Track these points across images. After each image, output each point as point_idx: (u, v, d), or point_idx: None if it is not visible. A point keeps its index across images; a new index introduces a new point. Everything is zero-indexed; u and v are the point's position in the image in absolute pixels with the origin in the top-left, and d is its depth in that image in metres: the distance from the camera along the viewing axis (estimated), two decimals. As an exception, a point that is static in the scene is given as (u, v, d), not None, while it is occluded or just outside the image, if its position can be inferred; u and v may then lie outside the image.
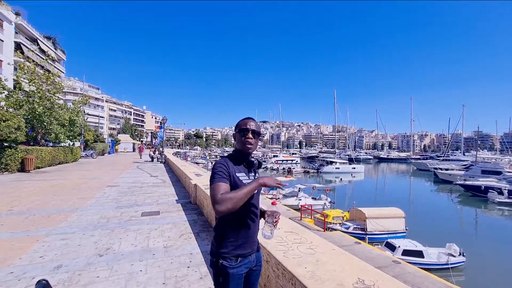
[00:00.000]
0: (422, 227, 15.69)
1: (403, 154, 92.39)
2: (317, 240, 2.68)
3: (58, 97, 19.09)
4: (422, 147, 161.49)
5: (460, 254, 11.00)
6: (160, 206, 6.68)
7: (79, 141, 24.47)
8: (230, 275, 1.43)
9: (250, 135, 1.52)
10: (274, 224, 1.53)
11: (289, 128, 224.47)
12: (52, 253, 3.70)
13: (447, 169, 41.02)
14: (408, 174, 51.75)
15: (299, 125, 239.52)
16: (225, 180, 1.40)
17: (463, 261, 10.95)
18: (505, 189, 24.18)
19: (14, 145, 13.39)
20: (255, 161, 1.58)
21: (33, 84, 16.58)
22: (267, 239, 1.53)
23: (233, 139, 1.67)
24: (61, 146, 19.50)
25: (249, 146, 1.52)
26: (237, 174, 1.48)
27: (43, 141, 17.88)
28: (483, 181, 27.41)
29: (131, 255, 3.67)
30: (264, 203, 12.04)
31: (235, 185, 1.43)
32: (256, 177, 1.60)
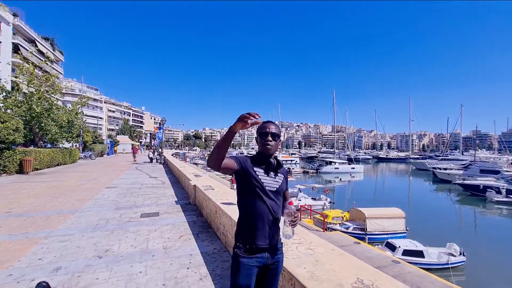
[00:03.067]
0: (422, 227, 15.72)
1: (402, 154, 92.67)
2: (316, 240, 2.69)
3: (57, 98, 19.06)
4: (421, 146, 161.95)
5: (460, 254, 11.02)
6: (160, 207, 6.67)
7: (77, 142, 24.40)
8: (240, 264, 1.53)
9: (270, 138, 1.61)
10: (291, 224, 1.55)
11: (288, 128, 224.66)
12: (51, 255, 3.69)
13: (445, 169, 41.16)
14: (407, 174, 51.90)
15: (298, 125, 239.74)
16: (233, 160, 1.54)
17: (464, 261, 10.96)
18: (503, 188, 24.30)
19: (13, 146, 13.34)
20: (273, 161, 1.65)
21: (31, 85, 16.56)
22: (287, 239, 1.59)
23: (255, 142, 1.83)
24: (60, 147, 19.46)
25: (268, 147, 1.62)
26: (255, 169, 1.59)
27: (41, 142, 17.83)
28: (481, 181, 27.55)
29: (131, 257, 3.67)
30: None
31: (249, 175, 1.57)
32: (276, 176, 1.66)
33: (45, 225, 5.09)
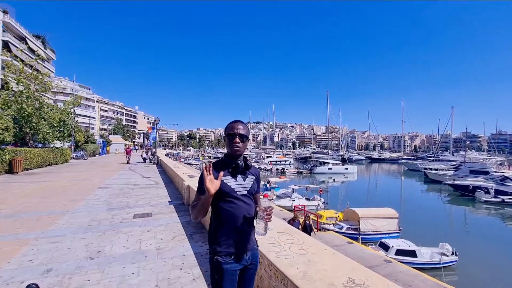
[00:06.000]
0: (415, 227, 15.96)
1: (394, 155, 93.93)
2: (309, 240, 2.71)
3: (48, 97, 18.72)
4: (413, 147, 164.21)
5: (452, 254, 11.21)
6: (153, 208, 6.62)
7: (69, 142, 24.00)
8: (224, 271, 1.50)
9: (238, 139, 1.57)
10: (266, 219, 1.49)
11: (283, 129, 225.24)
12: (42, 257, 3.63)
13: (436, 169, 41.87)
14: (399, 174, 52.57)
15: (292, 126, 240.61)
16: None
17: (456, 261, 11.15)
18: (492, 189, 24.85)
19: (2, 146, 13.06)
20: (240, 163, 1.59)
21: (21, 84, 16.22)
22: (260, 236, 1.51)
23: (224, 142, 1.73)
24: (51, 147, 19.11)
25: (236, 149, 1.57)
26: (223, 178, 1.52)
27: (31, 142, 17.48)
28: (471, 181, 28.13)
29: (123, 258, 3.64)
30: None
31: (222, 188, 1.51)
32: (245, 178, 1.63)
33: (36, 226, 5.00)
